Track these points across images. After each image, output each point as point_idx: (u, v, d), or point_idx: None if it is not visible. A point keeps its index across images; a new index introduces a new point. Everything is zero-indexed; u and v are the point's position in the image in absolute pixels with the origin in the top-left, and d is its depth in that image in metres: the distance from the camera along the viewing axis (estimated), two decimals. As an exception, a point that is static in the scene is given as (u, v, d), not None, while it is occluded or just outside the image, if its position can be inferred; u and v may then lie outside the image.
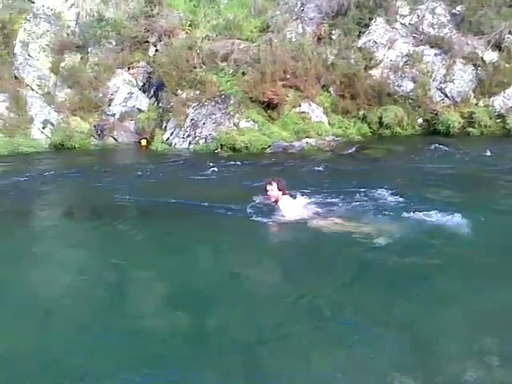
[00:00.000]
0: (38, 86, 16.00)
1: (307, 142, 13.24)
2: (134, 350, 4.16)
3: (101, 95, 15.68)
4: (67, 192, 10.23)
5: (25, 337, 4.45)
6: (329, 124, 14.16)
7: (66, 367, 4.01)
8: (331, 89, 14.76)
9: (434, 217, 6.50)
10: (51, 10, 16.93)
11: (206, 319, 4.60)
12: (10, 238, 7.44)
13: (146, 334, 4.40)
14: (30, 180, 11.32)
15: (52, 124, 15.38)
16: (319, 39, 15.70)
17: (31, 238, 7.51)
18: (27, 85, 16.03)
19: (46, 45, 16.49)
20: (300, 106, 14.17)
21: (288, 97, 14.22)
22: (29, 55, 16.34)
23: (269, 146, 13.17)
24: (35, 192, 10.25)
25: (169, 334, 4.44)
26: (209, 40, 15.71)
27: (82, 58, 16.37)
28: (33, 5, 16.92)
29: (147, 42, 16.49)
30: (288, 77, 14.34)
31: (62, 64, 16.23)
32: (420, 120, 14.16)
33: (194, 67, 14.99)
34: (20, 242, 7.24)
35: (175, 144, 14.20)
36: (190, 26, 16.31)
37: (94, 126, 15.28)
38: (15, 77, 16.14)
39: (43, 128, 15.33)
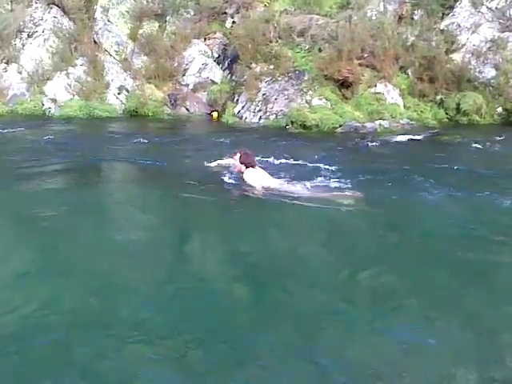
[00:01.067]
0: (116, 51, 16.33)
1: (380, 124, 12.92)
2: (196, 313, 4.20)
3: (176, 64, 15.84)
4: (137, 156, 10.33)
5: (92, 292, 4.58)
6: (404, 107, 13.74)
7: (132, 323, 4.09)
8: (409, 71, 14.28)
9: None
10: (132, -24, 17.15)
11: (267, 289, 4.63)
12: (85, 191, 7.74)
13: (209, 298, 4.44)
14: (104, 141, 11.76)
15: (127, 90, 15.71)
16: (400, 19, 15.17)
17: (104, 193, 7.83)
18: (105, 50, 16.40)
19: (126, 11, 16.75)
20: (375, 86, 13.80)
21: (364, 76, 13.87)
22: (108, 21, 16.66)
23: (340, 126, 12.93)
24: (108, 152, 10.55)
25: (231, 298, 4.50)
26: (287, 14, 15.49)
27: (159, 26, 16.53)
28: (115, -30, 17.17)
29: (225, 13, 16.46)
30: (365, 56, 13.98)
31: (140, 31, 16.46)
32: (500, 109, 13.48)
33: (270, 41, 14.85)
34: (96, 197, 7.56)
35: (246, 118, 14.19)
36: (268, -2, 16.14)
37: (168, 95, 15.49)
38: (94, 41, 16.52)
39: (118, 94, 15.69)
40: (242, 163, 7.58)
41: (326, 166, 8.52)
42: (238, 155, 7.63)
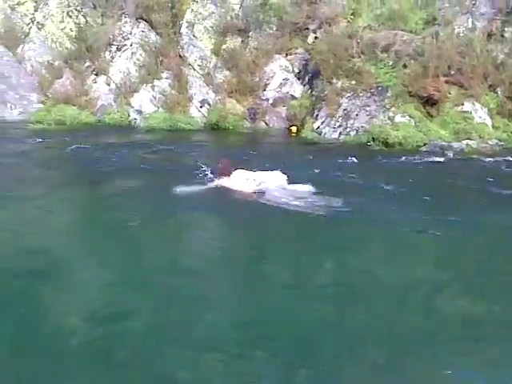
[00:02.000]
0: (200, 66, 16.74)
1: (467, 144, 12.47)
2: (279, 330, 4.16)
3: (257, 79, 16.03)
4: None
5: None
6: (493, 127, 13.19)
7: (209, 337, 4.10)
8: (498, 89, 13.73)
9: None
10: (218, -8, 17.57)
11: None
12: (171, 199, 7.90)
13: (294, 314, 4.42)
14: (186, 151, 12.04)
15: (209, 104, 16.05)
16: (489, 36, 14.64)
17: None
18: (189, 64, 16.84)
19: (211, 26, 17.17)
20: (463, 104, 13.34)
21: (450, 94, 13.47)
22: (193, 35, 17.12)
23: (424, 144, 12.60)
24: (189, 162, 10.72)
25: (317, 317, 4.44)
26: (370, 30, 15.32)
27: (242, 41, 16.81)
28: (201, -13, 17.63)
29: (307, 28, 16.52)
30: (452, 73, 13.57)
31: (224, 46, 16.81)
32: None
33: (352, 57, 14.73)
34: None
35: (325, 133, 14.11)
36: (352, 14, 16.05)
37: (248, 109, 15.70)
38: (179, 55, 17.00)
39: (201, 107, 16.04)
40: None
41: (411, 191, 8.31)
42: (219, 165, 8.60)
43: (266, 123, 15.60)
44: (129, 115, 16.03)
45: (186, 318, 4.40)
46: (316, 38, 16.30)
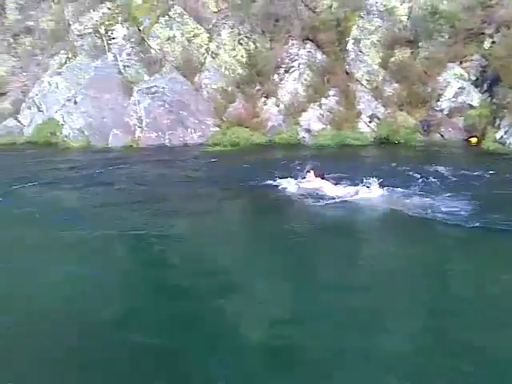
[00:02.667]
0: (367, 80, 16.54)
1: None
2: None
3: (429, 90, 15.38)
4: (389, 182, 10.01)
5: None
6: None
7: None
8: None
9: None
10: (384, 6, 17.25)
11: None
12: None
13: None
14: (356, 167, 11.87)
15: (378, 118, 15.74)
16: None
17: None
18: (357, 80, 16.71)
19: (377, 40, 16.91)
20: None
21: None
22: (360, 51, 16.98)
23: None
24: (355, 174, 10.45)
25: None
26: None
27: (411, 52, 16.28)
28: (367, 2, 17.45)
29: (483, 33, 15.50)
30: None
31: (392, 59, 16.44)
32: None
33: (538, 59, 13.50)
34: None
35: (510, 144, 13.02)
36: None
37: (420, 122, 15.10)
38: (346, 72, 16.98)
39: (369, 122, 15.79)
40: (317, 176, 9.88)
41: None
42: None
43: (441, 135, 14.86)
44: (297, 134, 16.33)
45: (391, 340, 4.25)
46: (493, 42, 15.23)
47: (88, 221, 8.73)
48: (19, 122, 20.01)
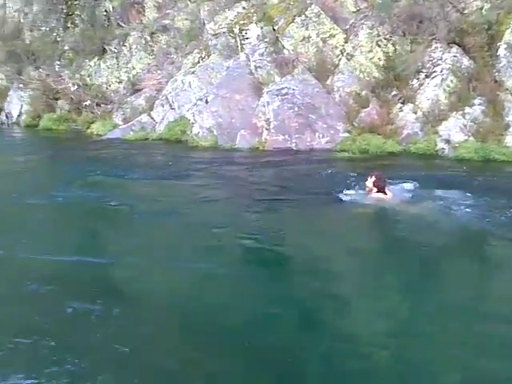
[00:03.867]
0: (520, 90, 14.98)
1: None
2: None
3: None
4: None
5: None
6: None
7: None
8: None
9: None
10: (545, 8, 15.56)
11: None
12: None
13: None
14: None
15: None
16: None
17: None
18: (507, 89, 15.24)
19: (535, 46, 15.26)
20: None
21: None
22: (513, 58, 15.44)
23: None
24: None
25: None
26: None
27: None
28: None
29: None
30: None
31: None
32: None
33: None
34: None
35: None
36: None
37: None
38: (495, 80, 15.54)
39: (520, 135, 14.29)
40: (374, 186, 9.34)
41: None
42: (371, 179, 9.45)
43: None
44: (436, 144, 15.18)
45: None
46: None
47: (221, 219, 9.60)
48: (152, 118, 20.50)
